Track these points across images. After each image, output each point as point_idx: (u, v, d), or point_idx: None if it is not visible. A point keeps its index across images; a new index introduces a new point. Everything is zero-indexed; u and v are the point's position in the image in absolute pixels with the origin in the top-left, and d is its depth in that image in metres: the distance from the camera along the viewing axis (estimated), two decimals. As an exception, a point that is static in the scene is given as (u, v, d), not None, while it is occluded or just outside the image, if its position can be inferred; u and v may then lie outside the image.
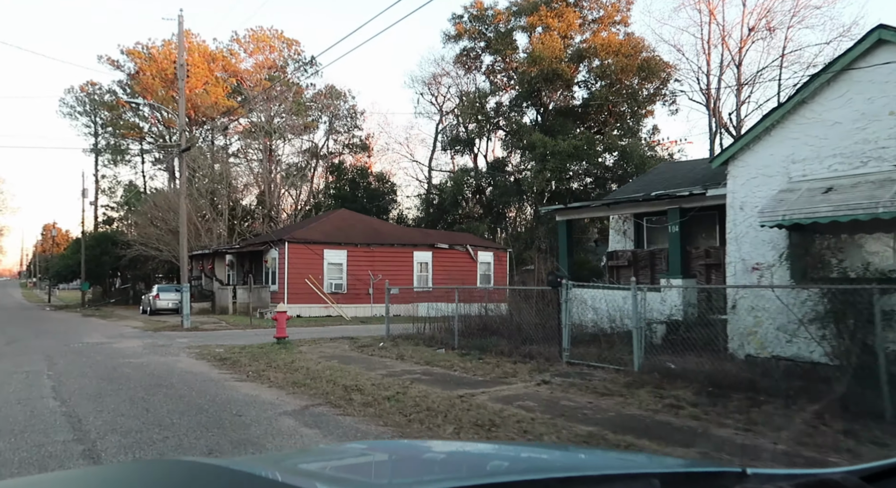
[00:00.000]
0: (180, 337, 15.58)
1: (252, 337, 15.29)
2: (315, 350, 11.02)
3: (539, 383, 7.33)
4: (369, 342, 12.06)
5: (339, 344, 12.37)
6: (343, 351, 10.87)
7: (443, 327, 11.94)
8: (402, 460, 1.71)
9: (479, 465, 1.67)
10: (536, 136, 30.05)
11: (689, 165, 14.89)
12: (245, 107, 40.23)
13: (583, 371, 7.94)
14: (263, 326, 19.02)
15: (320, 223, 25.64)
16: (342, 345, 11.86)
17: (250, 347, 11.60)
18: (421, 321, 13.64)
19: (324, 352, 10.52)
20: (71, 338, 15.84)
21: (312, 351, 10.85)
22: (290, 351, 10.72)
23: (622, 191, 13.93)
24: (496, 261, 27.63)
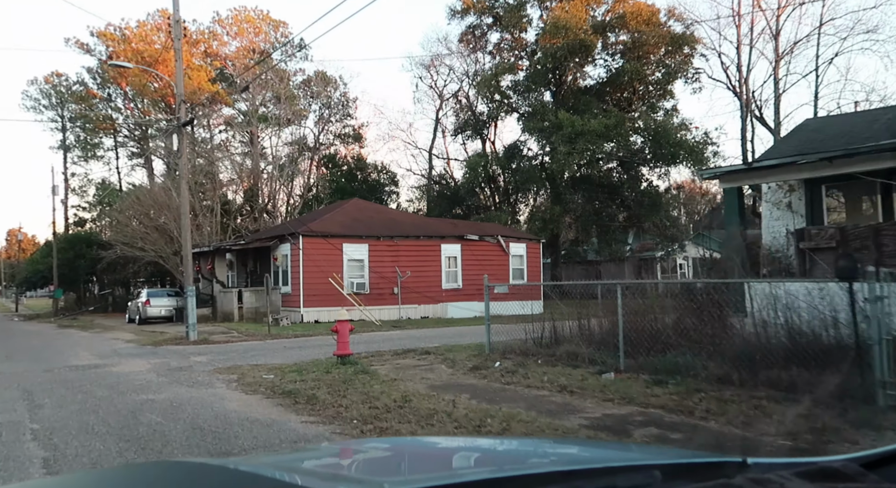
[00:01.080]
0: (194, 353, 12.47)
1: (286, 351, 12.27)
2: (405, 373, 8.07)
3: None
4: (467, 358, 9.12)
5: (419, 361, 9.44)
6: (447, 375, 7.87)
7: (571, 335, 9.02)
8: (405, 456, 1.69)
9: (482, 460, 1.65)
10: (563, 116, 27.36)
11: (860, 117, 12.22)
12: (236, 89, 36.76)
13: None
14: (285, 335, 15.97)
15: (334, 214, 22.57)
16: (433, 365, 8.88)
17: (307, 369, 8.63)
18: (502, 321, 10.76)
19: (426, 378, 7.55)
20: (52, 357, 12.61)
21: (404, 375, 7.89)
22: (373, 376, 7.76)
23: (770, 156, 11.23)
24: (529, 252, 24.89)
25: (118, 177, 47.70)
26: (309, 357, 10.88)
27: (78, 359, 12.13)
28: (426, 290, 21.89)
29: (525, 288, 24.79)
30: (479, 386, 6.90)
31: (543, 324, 9.06)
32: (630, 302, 9.03)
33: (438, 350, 10.68)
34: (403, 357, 10.02)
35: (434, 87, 43.84)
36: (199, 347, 13.93)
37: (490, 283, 10.17)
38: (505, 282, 24.03)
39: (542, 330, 9.12)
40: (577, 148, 26.87)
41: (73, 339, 17.85)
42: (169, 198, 28.59)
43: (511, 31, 34.27)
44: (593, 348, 7.88)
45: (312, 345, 13.61)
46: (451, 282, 22.91)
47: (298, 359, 10.69)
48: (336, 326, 9.12)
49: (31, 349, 15.09)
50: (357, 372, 7.98)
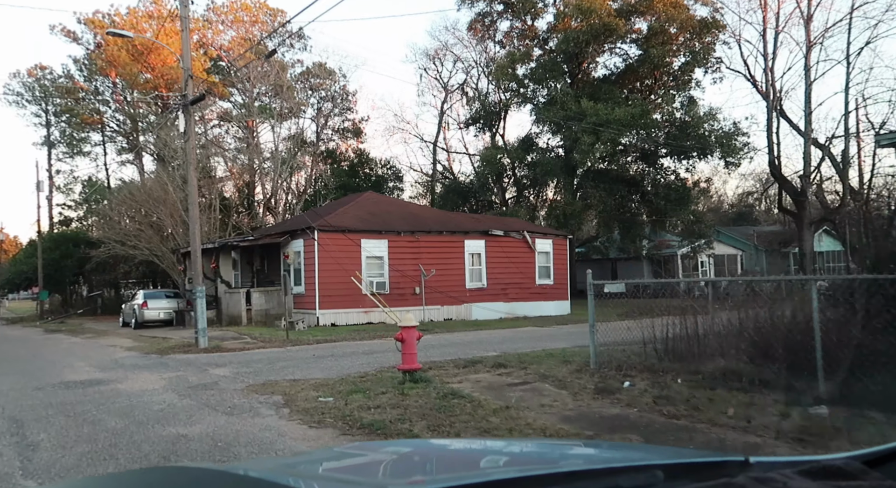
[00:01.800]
0: (210, 364, 10.68)
1: (319, 362, 10.53)
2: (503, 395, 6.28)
3: None
4: (570, 374, 7.35)
5: (503, 377, 7.68)
6: (568, 400, 5.82)
7: (720, 345, 7.13)
8: (408, 459, 1.68)
9: (485, 462, 1.66)
10: (587, 104, 25.81)
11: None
12: (236, 77, 34.82)
13: None
14: (305, 341, 14.23)
15: (348, 208, 20.78)
16: (531, 383, 7.00)
17: (370, 389, 6.93)
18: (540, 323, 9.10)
19: (545, 406, 5.61)
20: (43, 370, 10.77)
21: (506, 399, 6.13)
22: (470, 401, 5.98)
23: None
24: (555, 249, 23.30)
25: (106, 174, 45.48)
26: (352, 369, 9.17)
27: (74, 373, 10.31)
28: (449, 290, 20.22)
29: (550, 288, 23.25)
30: (632, 419, 5.13)
31: (667, 329, 7.24)
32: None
33: (510, 360, 9.00)
34: (473, 370, 8.33)
35: (439, 78, 42.23)
36: (212, 356, 12.14)
37: (593, 281, 8.36)
38: (532, 282, 22.48)
39: (667, 335, 7.26)
40: (603, 138, 25.33)
41: (65, 346, 15.95)
42: (165, 192, 26.64)
43: (522, 19, 32.71)
44: (756, 364, 6.01)
45: (343, 352, 11.90)
46: (475, 281, 21.25)
47: (341, 372, 8.98)
48: (401, 334, 7.41)
49: (17, 359, 13.20)
50: (443, 394, 6.26)
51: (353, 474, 1.54)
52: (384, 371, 8.79)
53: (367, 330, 16.77)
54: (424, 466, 1.61)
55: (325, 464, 1.69)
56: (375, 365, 9.63)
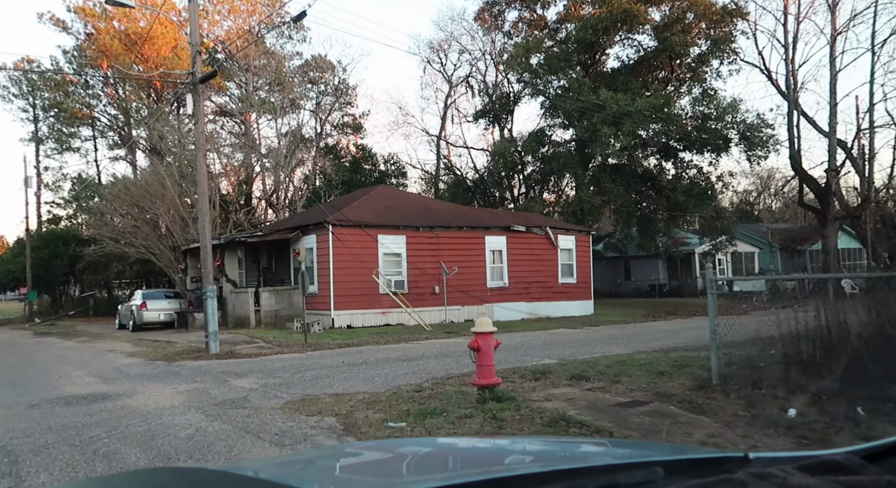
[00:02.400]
0: (229, 374, 9.39)
1: (351, 370, 9.28)
2: (643, 426, 5.05)
3: None
4: (688, 390, 6.07)
5: (606, 393, 6.46)
6: (726, 437, 4.47)
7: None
8: (407, 458, 1.66)
9: (484, 460, 1.64)
10: (606, 94, 24.66)
11: None
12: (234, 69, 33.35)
13: None
14: (326, 345, 12.96)
15: (362, 202, 19.48)
16: (651, 405, 5.70)
17: (443, 409, 5.70)
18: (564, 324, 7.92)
19: (694, 435, 4.43)
20: (37, 381, 9.44)
21: (657, 434, 4.88)
22: (591, 430, 4.74)
23: None
24: (578, 245, 22.15)
25: (97, 170, 43.90)
26: (398, 380, 7.94)
27: (74, 385, 8.97)
28: (470, 289, 19.00)
29: (573, 287, 22.07)
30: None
31: (823, 332, 5.83)
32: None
33: (584, 370, 7.77)
34: (550, 383, 7.10)
35: (443, 71, 41.00)
36: (227, 363, 10.84)
37: (715, 277, 7.11)
38: (555, 281, 21.31)
39: (823, 342, 5.78)
40: (624, 129, 24.21)
41: (58, 352, 14.55)
42: (162, 187, 25.22)
43: (532, 8, 31.53)
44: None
45: (375, 358, 10.65)
46: (496, 280, 20.04)
47: (387, 383, 7.75)
48: (476, 341, 6.19)
49: (5, 367, 11.82)
50: (548, 419, 5.01)
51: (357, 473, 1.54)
52: (440, 383, 7.57)
53: (388, 332, 15.50)
54: (426, 465, 1.59)
55: (326, 463, 1.66)
56: (423, 374, 8.39)
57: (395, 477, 1.44)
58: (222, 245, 18.24)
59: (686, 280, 30.72)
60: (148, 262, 31.52)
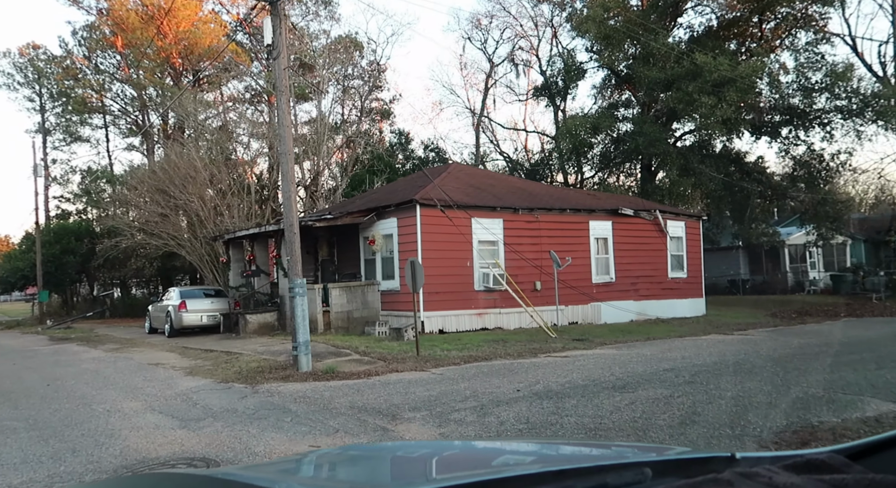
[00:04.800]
0: (367, 411, 6.14)
1: (556, 406, 6.02)
2: None
3: None
4: None
5: None
6: None
7: None
8: (398, 461, 1.67)
9: (473, 462, 1.64)
10: (703, 58, 21.33)
11: None
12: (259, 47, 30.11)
13: None
14: (448, 360, 9.74)
15: (444, 180, 16.14)
16: None
17: None
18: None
19: None
20: (76, 422, 6.25)
21: None
22: None
23: None
24: (688, 233, 18.86)
25: (109, 161, 40.72)
26: (673, 431, 4.68)
27: (137, 431, 5.75)
28: (575, 284, 15.74)
29: (683, 282, 18.75)
30: None
31: None
32: None
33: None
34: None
35: (484, 49, 37.78)
36: (336, 388, 7.62)
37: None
38: (664, 275, 18.04)
39: None
40: (727, 98, 20.89)
41: (87, 365, 11.34)
42: (193, 170, 22.04)
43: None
44: None
45: (555, 384, 7.40)
46: (601, 274, 16.77)
47: (669, 435, 4.49)
48: None
49: (25, 392, 8.60)
50: None
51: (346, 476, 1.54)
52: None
53: (501, 339, 12.26)
54: (414, 467, 1.59)
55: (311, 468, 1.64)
56: (711, 422, 5.13)
57: (385, 479, 1.45)
58: (281, 231, 15.01)
59: (774, 274, 27.38)
60: (171, 257, 28.37)
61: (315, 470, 1.59)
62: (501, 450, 1.88)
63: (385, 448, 2.52)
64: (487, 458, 1.68)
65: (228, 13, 34.88)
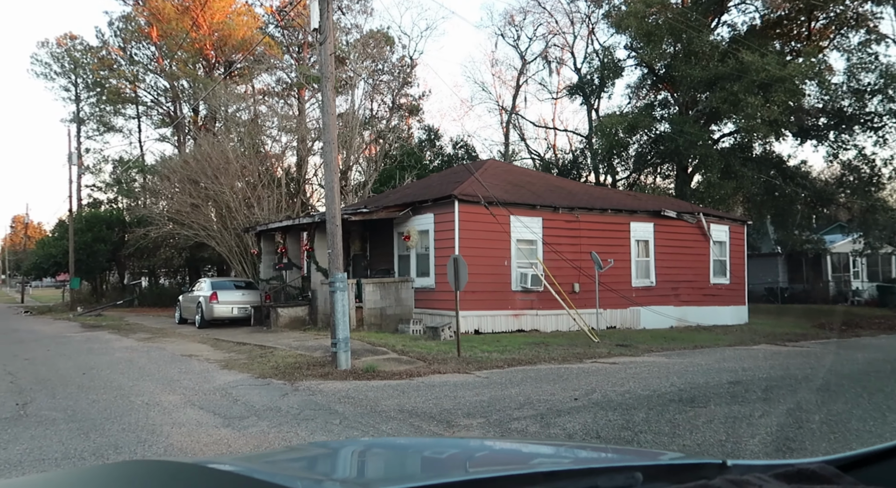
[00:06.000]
0: (418, 415, 5.77)
1: (635, 419, 5.57)
2: None
3: None
4: None
5: None
6: None
7: None
8: (389, 457, 1.67)
9: (465, 461, 1.63)
10: (750, 57, 20.55)
11: None
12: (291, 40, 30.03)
13: None
14: (490, 363, 9.37)
15: (482, 175, 15.74)
16: None
17: None
18: None
19: None
20: (114, 415, 6.00)
21: None
22: None
23: None
24: (732, 238, 18.17)
25: (140, 151, 41.10)
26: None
27: (179, 427, 5.47)
28: (615, 287, 15.20)
29: (725, 288, 18.03)
30: None
31: None
32: None
33: None
34: None
35: (517, 46, 37.25)
36: (379, 388, 7.28)
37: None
38: (706, 281, 17.38)
39: None
40: (775, 99, 20.10)
41: (120, 354, 11.20)
42: (226, 161, 21.97)
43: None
44: None
45: (613, 394, 6.95)
46: (641, 278, 16.21)
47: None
48: None
49: (61, 380, 8.43)
50: None
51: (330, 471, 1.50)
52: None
53: (545, 342, 11.81)
54: (403, 464, 1.56)
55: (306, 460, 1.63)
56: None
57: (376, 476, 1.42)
58: (316, 224, 14.76)
59: (815, 283, 26.40)
60: (199, 248, 28.45)
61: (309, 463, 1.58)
62: (494, 450, 1.85)
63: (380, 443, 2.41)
64: (479, 457, 1.67)
65: (262, 5, 34.90)
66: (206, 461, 1.44)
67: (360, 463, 1.59)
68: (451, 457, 1.66)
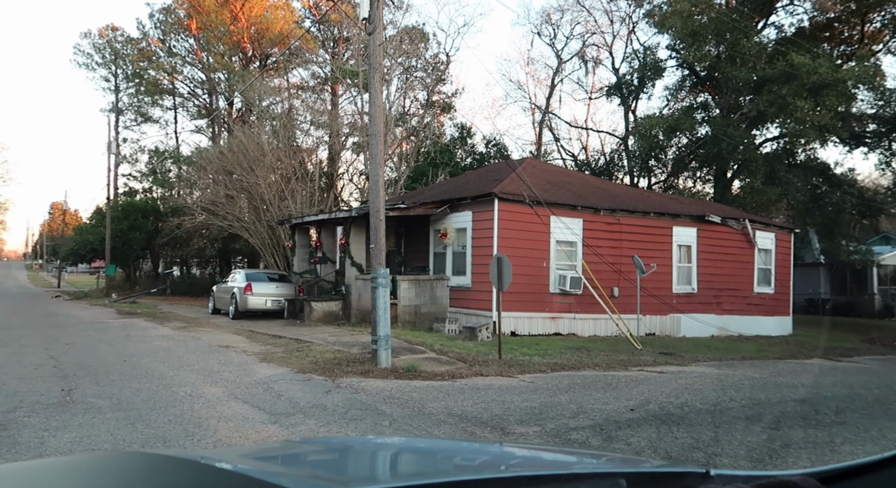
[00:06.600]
0: (471, 420, 5.55)
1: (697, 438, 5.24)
2: None
3: None
4: None
5: None
6: None
7: None
8: (373, 457, 1.65)
9: (450, 462, 1.61)
10: (800, 60, 19.81)
11: None
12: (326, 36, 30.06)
13: None
14: (533, 367, 9.09)
15: (521, 173, 15.45)
16: None
17: None
18: None
19: None
20: (159, 404, 5.91)
21: None
22: None
23: None
24: (778, 247, 17.54)
25: (176, 142, 41.73)
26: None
27: (225, 422, 5.33)
28: (655, 293, 14.76)
29: (770, 298, 17.40)
30: None
31: None
32: None
33: None
34: None
35: (553, 45, 36.69)
36: (423, 389, 7.07)
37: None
38: (750, 289, 16.79)
39: None
40: (827, 104, 19.35)
41: (158, 343, 11.22)
42: (261, 152, 22.05)
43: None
44: None
45: (671, 406, 6.62)
46: (682, 284, 15.72)
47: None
48: None
49: (103, 367, 8.42)
50: None
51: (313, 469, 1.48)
52: None
53: (586, 347, 11.47)
54: (388, 464, 1.55)
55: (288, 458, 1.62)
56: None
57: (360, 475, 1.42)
58: (352, 219, 14.64)
59: (860, 296, 25.43)
60: (230, 239, 28.69)
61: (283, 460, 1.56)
62: (479, 453, 1.85)
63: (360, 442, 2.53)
64: (464, 460, 1.65)
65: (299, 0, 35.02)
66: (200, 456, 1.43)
67: (343, 462, 1.58)
68: (435, 459, 1.67)
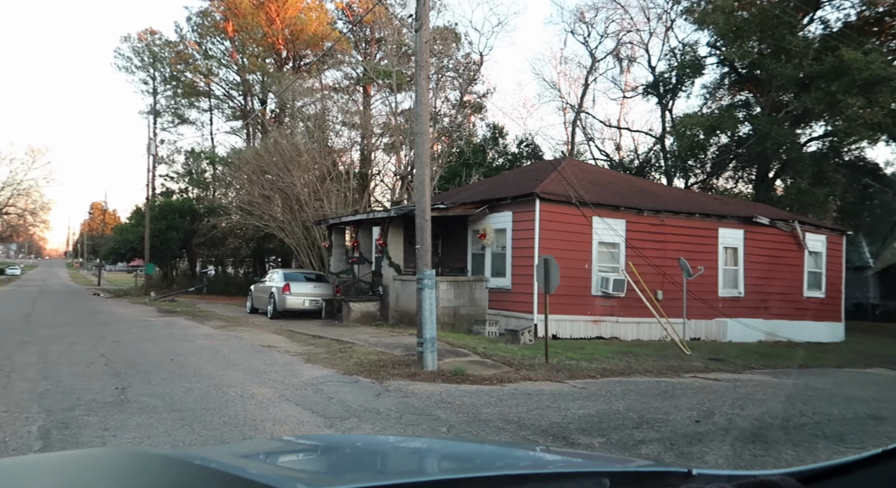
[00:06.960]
0: (537, 430, 5.36)
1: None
2: None
3: None
4: None
5: None
6: None
7: None
8: (355, 455, 1.65)
9: (432, 461, 1.62)
10: (851, 55, 19.04)
11: None
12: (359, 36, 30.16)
13: None
14: (582, 372, 8.85)
15: (557, 175, 15.18)
16: None
17: None
18: None
19: None
20: (212, 406, 5.88)
21: None
22: None
23: None
24: (829, 250, 16.88)
25: (212, 143, 42.45)
26: None
27: (281, 425, 5.26)
28: (701, 296, 14.31)
29: (820, 303, 16.72)
30: None
31: None
32: None
33: None
34: None
35: (586, 43, 36.15)
36: (474, 393, 6.91)
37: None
38: (799, 294, 16.19)
39: None
40: (880, 99, 18.56)
41: (201, 342, 11.31)
42: (297, 153, 22.20)
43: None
44: None
45: (743, 418, 6.31)
46: (728, 288, 15.24)
47: None
48: None
49: (153, 366, 8.48)
50: None
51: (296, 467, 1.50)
52: None
53: (632, 352, 11.16)
54: (370, 462, 1.55)
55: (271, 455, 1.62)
56: None
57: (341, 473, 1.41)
58: (390, 219, 14.57)
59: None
60: (265, 239, 29.02)
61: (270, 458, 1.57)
62: (462, 452, 1.84)
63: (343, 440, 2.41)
64: (448, 459, 1.65)
65: (332, 1, 35.26)
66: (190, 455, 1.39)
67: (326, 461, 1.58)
68: (418, 458, 1.66)
